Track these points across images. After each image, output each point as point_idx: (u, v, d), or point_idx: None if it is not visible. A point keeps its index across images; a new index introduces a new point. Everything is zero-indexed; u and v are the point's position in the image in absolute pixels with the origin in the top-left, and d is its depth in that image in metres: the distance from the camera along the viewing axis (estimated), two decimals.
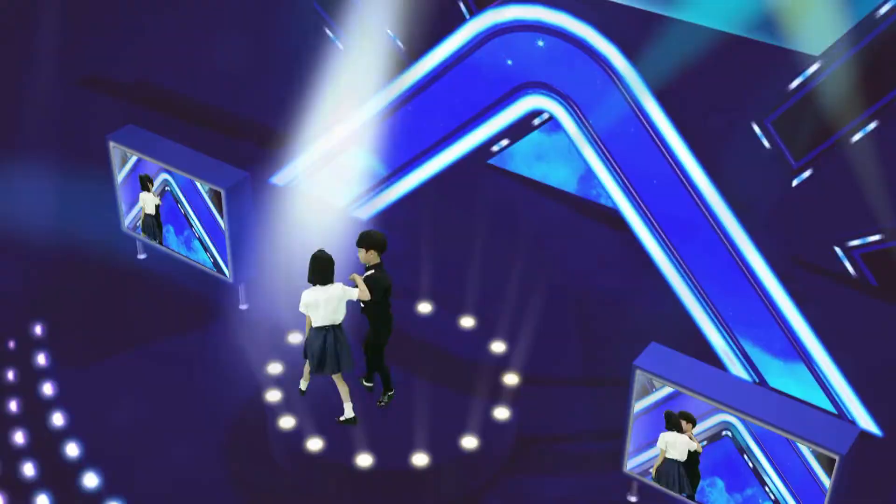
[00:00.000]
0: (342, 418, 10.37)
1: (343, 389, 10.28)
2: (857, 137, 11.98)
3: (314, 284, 9.77)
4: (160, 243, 12.37)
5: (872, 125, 11.91)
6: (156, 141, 12.14)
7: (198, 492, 10.35)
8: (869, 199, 12.18)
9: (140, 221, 12.38)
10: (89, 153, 13.75)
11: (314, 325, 9.83)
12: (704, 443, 9.49)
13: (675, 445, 9.58)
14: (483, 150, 13.07)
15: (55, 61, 16.16)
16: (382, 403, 10.68)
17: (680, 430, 9.48)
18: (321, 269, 9.71)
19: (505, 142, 13.39)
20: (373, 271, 10.12)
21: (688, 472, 9.69)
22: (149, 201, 12.14)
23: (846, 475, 8.97)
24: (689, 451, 9.56)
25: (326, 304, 9.73)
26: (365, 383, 10.87)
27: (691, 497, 9.77)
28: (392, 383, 10.71)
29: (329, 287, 9.74)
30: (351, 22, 14.32)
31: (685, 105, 11.56)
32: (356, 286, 9.93)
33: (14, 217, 13.32)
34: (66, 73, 16.02)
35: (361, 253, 10.12)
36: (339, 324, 9.91)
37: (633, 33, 11.63)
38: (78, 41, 16.59)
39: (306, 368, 10.42)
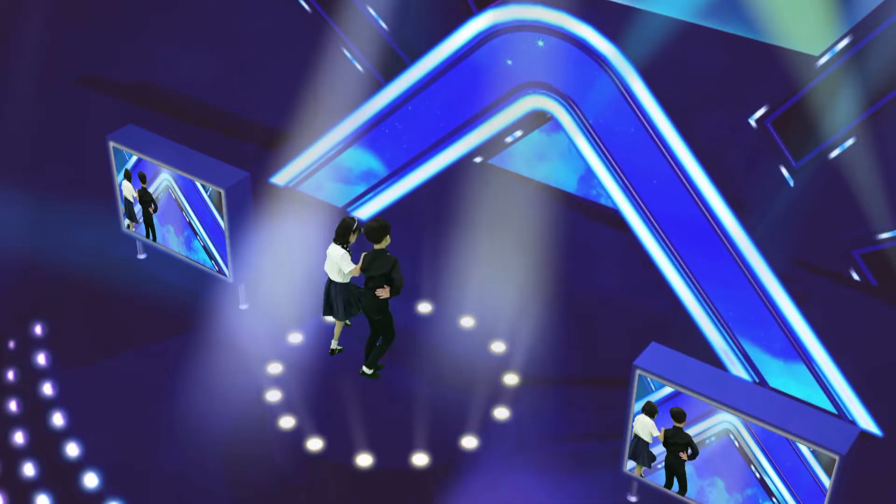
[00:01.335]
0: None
1: (337, 330, 11.37)
2: (856, 137, 11.99)
3: (334, 242, 10.83)
4: (149, 236, 12.40)
5: (872, 125, 11.92)
6: (156, 141, 12.15)
7: (198, 492, 10.35)
8: (869, 198, 12.19)
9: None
10: (89, 153, 13.76)
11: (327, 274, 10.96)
12: (712, 439, 9.50)
13: (637, 422, 9.74)
14: (482, 150, 13.09)
15: (55, 61, 16.17)
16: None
17: (650, 414, 9.58)
18: (338, 231, 10.77)
19: (512, 137, 13.43)
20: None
21: (673, 466, 9.75)
22: (126, 188, 12.26)
23: (846, 475, 8.97)
24: (672, 446, 9.63)
25: (330, 261, 10.83)
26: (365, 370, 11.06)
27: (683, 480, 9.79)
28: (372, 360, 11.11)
29: (337, 248, 10.75)
30: (349, 20, 14.33)
31: (685, 105, 11.56)
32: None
33: (14, 217, 13.34)
34: (66, 73, 16.02)
35: None
36: (342, 283, 10.88)
37: (631, 32, 11.64)
38: (78, 41, 16.59)
39: (336, 328, 11.33)
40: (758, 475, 9.36)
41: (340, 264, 10.75)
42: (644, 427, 9.72)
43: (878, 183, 12.06)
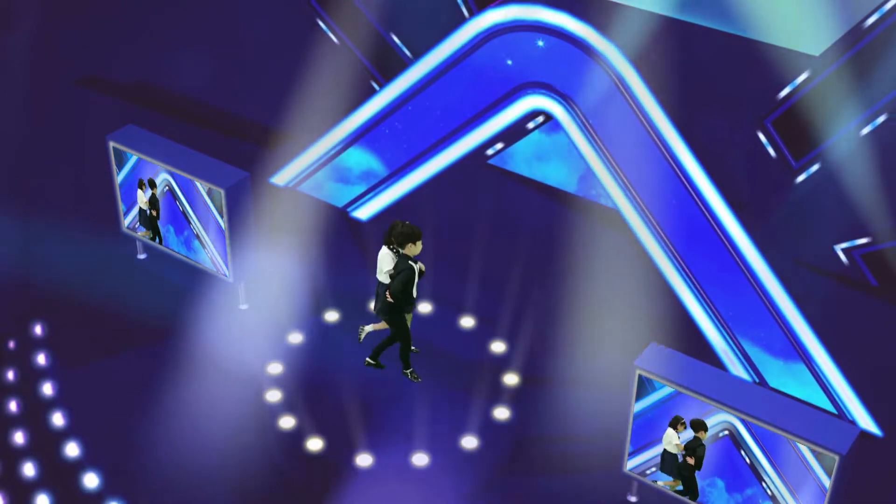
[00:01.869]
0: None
1: (376, 327, 11.44)
2: (856, 137, 11.99)
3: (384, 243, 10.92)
4: (154, 237, 12.40)
5: (872, 125, 11.92)
6: (156, 141, 12.14)
7: (198, 492, 10.34)
8: (868, 198, 12.19)
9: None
10: (89, 153, 13.76)
11: None
12: (724, 433, 9.49)
13: (664, 436, 9.72)
14: (482, 150, 13.08)
15: (55, 61, 16.17)
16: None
17: (674, 427, 9.55)
18: (385, 232, 10.84)
19: (500, 144, 13.43)
20: None
21: (680, 469, 9.74)
22: (140, 198, 12.26)
23: (846, 475, 8.97)
24: (680, 452, 9.61)
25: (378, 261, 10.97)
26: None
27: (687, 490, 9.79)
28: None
29: (384, 248, 10.84)
30: (349, 19, 14.33)
31: (685, 105, 11.56)
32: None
33: (13, 217, 13.34)
34: (66, 73, 16.02)
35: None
36: (385, 283, 10.85)
37: (635, 33, 11.65)
38: (78, 41, 16.59)
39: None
40: (758, 475, 9.35)
41: (381, 264, 10.85)
42: (667, 439, 9.68)
43: (877, 183, 12.06)
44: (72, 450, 10.69)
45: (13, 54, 16.28)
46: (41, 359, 11.62)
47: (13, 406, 11.13)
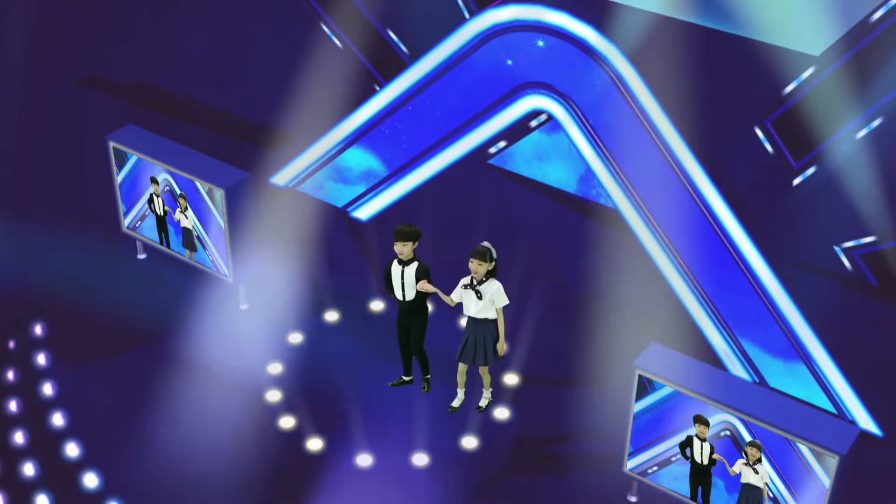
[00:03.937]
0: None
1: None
2: (856, 137, 11.99)
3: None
4: (162, 242, 12.38)
5: (872, 125, 11.92)
6: (156, 141, 12.15)
7: (198, 492, 10.35)
8: (868, 198, 12.18)
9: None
10: (89, 153, 13.76)
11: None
12: (723, 432, 9.49)
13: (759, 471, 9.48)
14: (483, 150, 13.09)
15: (55, 61, 16.16)
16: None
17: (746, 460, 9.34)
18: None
19: (503, 143, 13.42)
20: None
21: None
22: (182, 218, 12.13)
23: (846, 475, 8.97)
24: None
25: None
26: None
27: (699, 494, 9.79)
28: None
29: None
30: (349, 19, 14.33)
31: (685, 105, 11.56)
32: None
33: (13, 217, 13.33)
34: (66, 73, 16.02)
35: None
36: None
37: (635, 34, 11.64)
38: (78, 41, 16.59)
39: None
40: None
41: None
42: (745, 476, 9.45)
43: (877, 182, 12.06)
44: (72, 450, 10.69)
45: (12, 54, 16.28)
46: (41, 359, 11.62)
47: (13, 406, 11.13)
